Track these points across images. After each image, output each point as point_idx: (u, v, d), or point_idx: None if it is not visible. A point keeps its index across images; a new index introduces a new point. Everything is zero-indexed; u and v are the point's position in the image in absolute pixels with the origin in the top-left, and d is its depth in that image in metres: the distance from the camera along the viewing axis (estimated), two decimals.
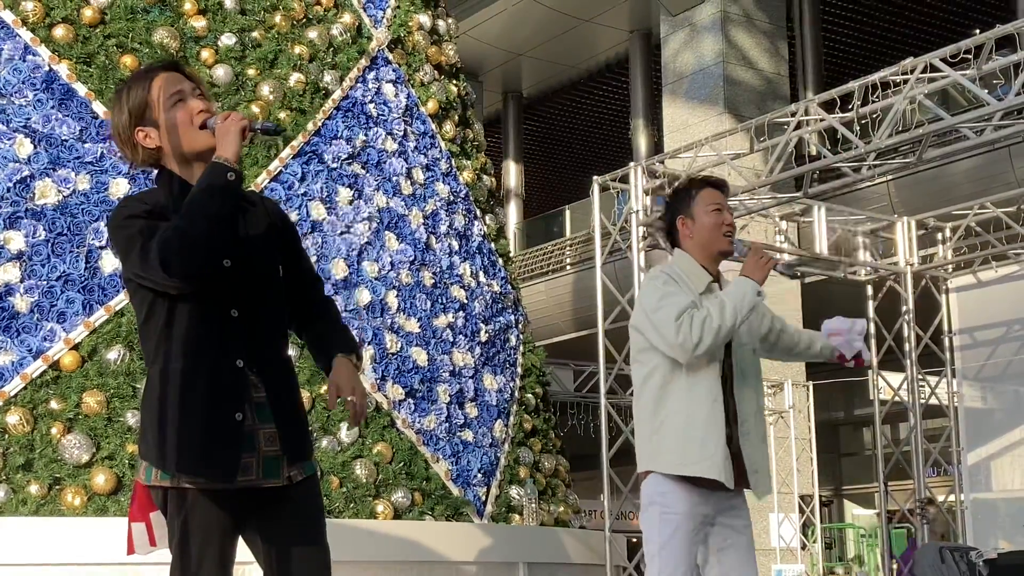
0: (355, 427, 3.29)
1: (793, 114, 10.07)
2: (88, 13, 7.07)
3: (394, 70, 8.26)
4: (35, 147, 6.68)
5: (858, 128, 9.42)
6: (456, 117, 8.85)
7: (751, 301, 4.03)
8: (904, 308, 12.20)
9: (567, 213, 25.09)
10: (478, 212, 8.74)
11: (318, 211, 7.36)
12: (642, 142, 23.85)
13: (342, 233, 7.44)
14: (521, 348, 8.71)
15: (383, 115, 8.04)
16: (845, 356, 4.52)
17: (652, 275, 4.26)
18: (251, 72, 7.45)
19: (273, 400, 3.17)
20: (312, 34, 7.83)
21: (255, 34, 7.58)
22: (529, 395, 8.55)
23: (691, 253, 4.27)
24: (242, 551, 3.24)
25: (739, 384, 4.18)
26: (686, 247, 4.29)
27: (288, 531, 3.18)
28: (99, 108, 6.87)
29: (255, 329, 3.17)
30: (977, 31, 8.85)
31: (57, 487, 6.13)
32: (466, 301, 8.10)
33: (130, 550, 3.24)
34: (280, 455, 3.14)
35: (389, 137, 8.00)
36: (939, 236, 12.30)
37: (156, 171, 3.29)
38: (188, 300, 3.08)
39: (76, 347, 6.41)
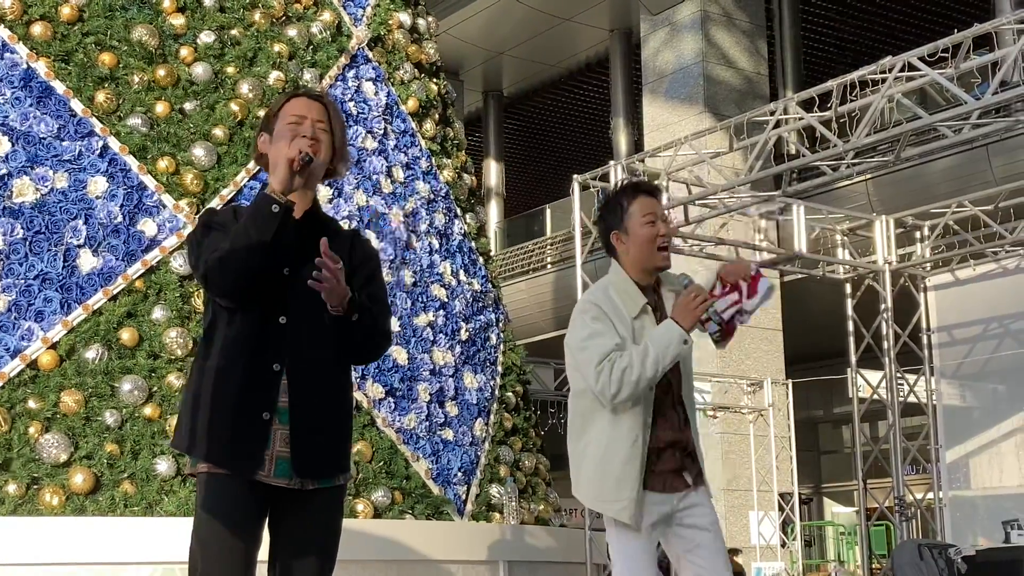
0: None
1: (772, 113, 10.10)
2: (66, 10, 7.04)
3: (374, 68, 8.25)
4: (13, 145, 6.65)
5: (837, 127, 9.45)
6: (436, 116, 8.84)
7: (676, 351, 3.89)
8: (883, 306, 12.25)
9: (547, 212, 25.10)
10: (458, 211, 8.73)
11: None
12: (622, 141, 23.88)
13: None
14: (501, 347, 8.71)
15: (363, 113, 8.02)
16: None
17: (582, 306, 4.14)
18: (230, 70, 7.43)
19: (294, 408, 3.28)
20: (292, 32, 7.81)
21: (234, 32, 7.56)
22: (509, 394, 8.55)
23: (627, 268, 4.15)
24: None
25: (685, 387, 4.14)
26: (622, 261, 4.16)
27: (299, 535, 3.32)
28: (77, 106, 6.84)
29: (301, 337, 3.31)
30: (955, 30, 8.89)
31: (35, 487, 6.10)
32: (446, 300, 8.10)
33: None
34: (290, 459, 3.27)
35: (369, 135, 7.99)
36: (917, 234, 12.35)
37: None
38: (240, 301, 3.29)
39: (54, 346, 6.38)
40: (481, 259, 8.89)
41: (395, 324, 7.60)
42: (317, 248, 3.28)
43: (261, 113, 7.40)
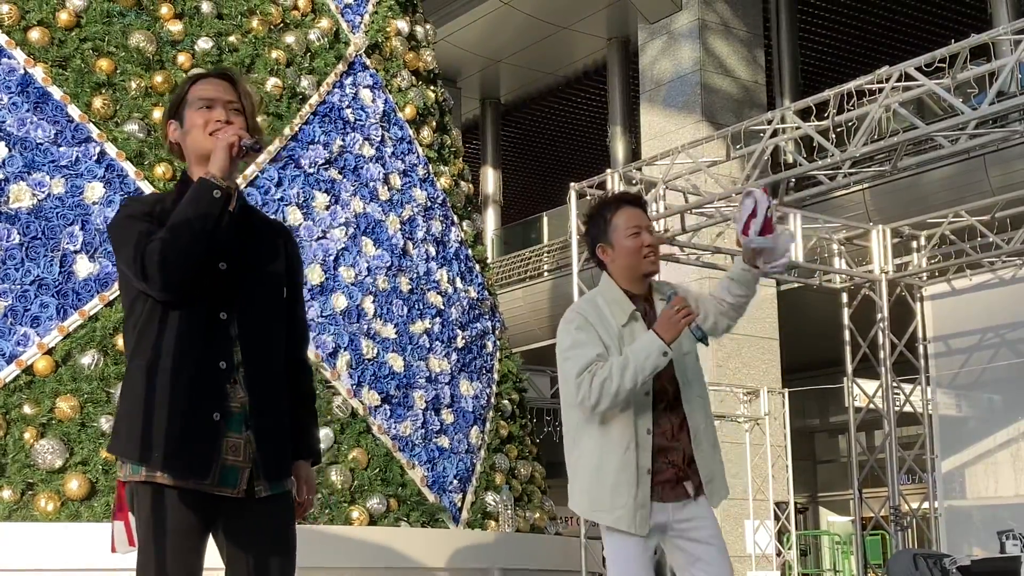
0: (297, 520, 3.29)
1: (769, 122, 10.11)
2: (64, 16, 7.04)
3: (371, 75, 8.25)
4: (10, 150, 6.65)
5: (834, 136, 9.46)
6: (434, 123, 8.84)
7: (655, 363, 3.87)
8: (879, 316, 12.25)
9: (544, 220, 25.10)
10: (455, 218, 8.73)
11: (295, 216, 7.34)
12: (620, 149, 23.88)
13: (319, 238, 7.42)
14: (498, 354, 8.70)
15: (360, 120, 8.03)
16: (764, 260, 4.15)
17: (568, 316, 4.14)
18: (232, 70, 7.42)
19: (255, 411, 3.16)
20: (289, 39, 7.82)
21: (232, 38, 7.56)
22: (505, 401, 8.55)
23: (616, 278, 4.14)
24: (213, 557, 3.23)
25: (685, 394, 4.09)
26: (611, 272, 4.15)
27: (257, 544, 3.17)
28: (74, 111, 6.84)
29: (244, 334, 3.18)
30: (952, 40, 8.91)
31: (30, 492, 6.09)
32: (443, 307, 8.10)
33: (112, 548, 3.25)
34: (242, 466, 3.13)
35: (366, 142, 7.99)
36: (914, 244, 12.35)
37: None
38: (178, 299, 3.11)
39: (50, 352, 6.37)
40: (478, 266, 8.89)
41: (391, 331, 7.61)
42: (250, 240, 3.22)
43: (259, 120, 7.40)
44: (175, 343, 3.10)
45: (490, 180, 27.43)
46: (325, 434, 6.98)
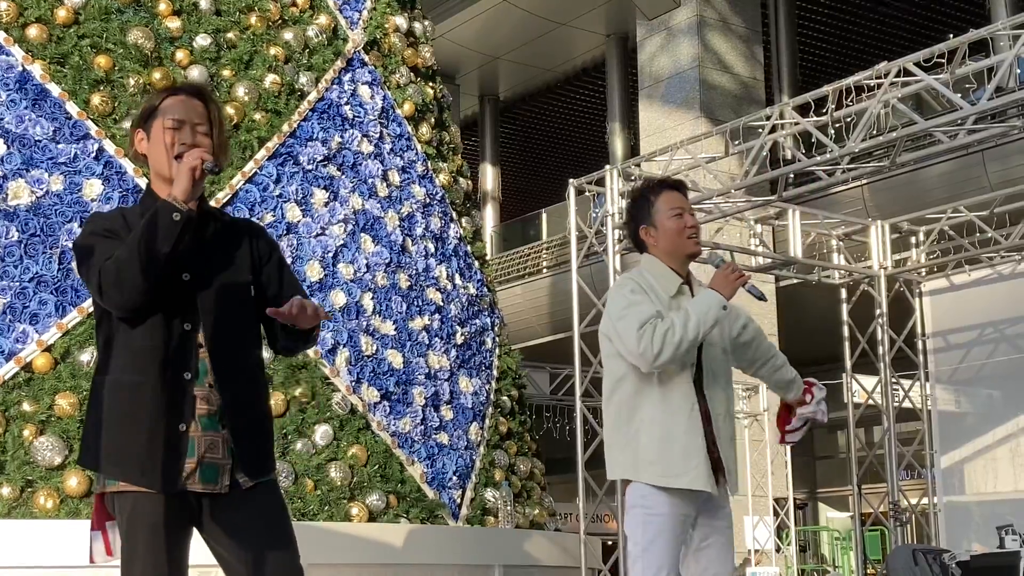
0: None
1: (768, 118, 10.10)
2: (62, 13, 7.04)
3: (370, 72, 8.25)
4: (8, 147, 6.64)
5: (832, 132, 9.45)
6: (432, 119, 8.84)
7: (716, 315, 4.00)
8: (878, 311, 12.25)
9: (543, 216, 25.09)
10: (454, 215, 8.73)
11: (293, 213, 7.34)
12: (618, 145, 23.88)
13: (317, 235, 7.42)
14: (497, 351, 8.70)
15: (359, 117, 8.02)
16: (813, 419, 4.53)
17: (620, 282, 4.25)
18: (226, 73, 7.43)
19: (229, 410, 3.20)
20: (288, 35, 7.81)
21: (230, 35, 7.56)
22: (505, 398, 8.55)
23: (659, 258, 4.25)
24: (205, 554, 3.24)
25: (709, 385, 4.16)
26: (654, 254, 4.26)
27: (255, 533, 3.20)
28: (73, 109, 6.84)
29: (212, 343, 3.21)
30: (951, 36, 8.90)
31: (29, 490, 6.09)
32: (442, 304, 8.10)
33: (91, 558, 3.28)
34: (220, 463, 3.18)
35: (365, 139, 7.98)
36: (913, 240, 12.35)
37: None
38: (141, 313, 3.15)
39: (49, 349, 6.38)
40: (477, 263, 8.89)
41: (391, 327, 7.60)
42: (214, 248, 3.25)
43: (257, 116, 7.41)
44: (139, 357, 3.15)
45: (489, 177, 27.43)
46: (324, 431, 6.99)
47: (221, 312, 3.24)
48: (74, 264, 6.45)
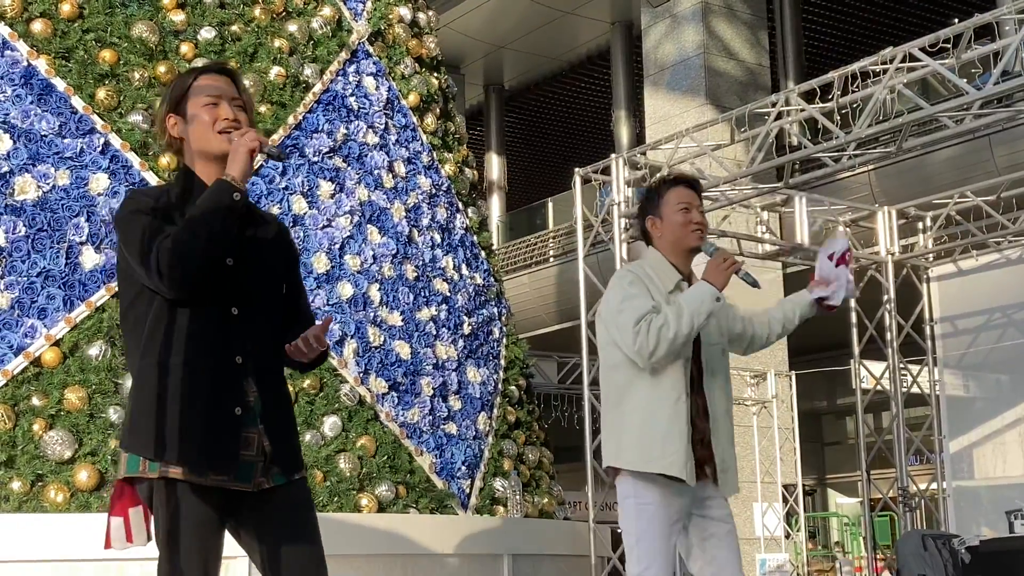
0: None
1: (774, 104, 10.08)
2: (66, 8, 7.04)
3: (375, 63, 8.25)
4: (14, 142, 6.65)
5: (838, 118, 9.43)
6: (437, 110, 8.84)
7: (709, 307, 4.03)
8: (885, 297, 12.24)
9: (549, 205, 25.07)
10: (460, 205, 8.73)
11: (299, 205, 7.35)
12: (624, 133, 23.85)
13: (324, 227, 7.43)
14: (504, 340, 8.71)
15: (364, 108, 8.02)
16: (832, 305, 4.44)
17: (620, 273, 4.29)
18: (231, 66, 7.42)
19: (265, 405, 3.19)
20: (292, 27, 7.81)
21: (234, 28, 7.56)
22: (512, 387, 8.56)
23: (662, 251, 4.29)
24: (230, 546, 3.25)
25: (709, 383, 4.20)
26: (658, 246, 4.31)
27: (282, 531, 3.20)
28: (78, 103, 6.85)
29: (253, 329, 3.20)
30: (956, 20, 8.87)
31: (40, 483, 6.11)
32: (449, 294, 8.10)
33: (107, 544, 3.26)
34: (254, 461, 3.15)
35: (370, 130, 7.99)
36: (920, 225, 12.32)
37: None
38: (193, 293, 3.11)
39: (57, 343, 6.39)
40: (483, 253, 8.89)
41: (398, 319, 7.61)
42: (254, 237, 3.24)
43: (263, 109, 7.41)
44: (191, 340, 3.10)
45: (495, 166, 27.41)
46: (333, 422, 7.00)
47: (261, 300, 3.23)
48: (85, 252, 6.50)
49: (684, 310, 4.00)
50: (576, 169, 11.24)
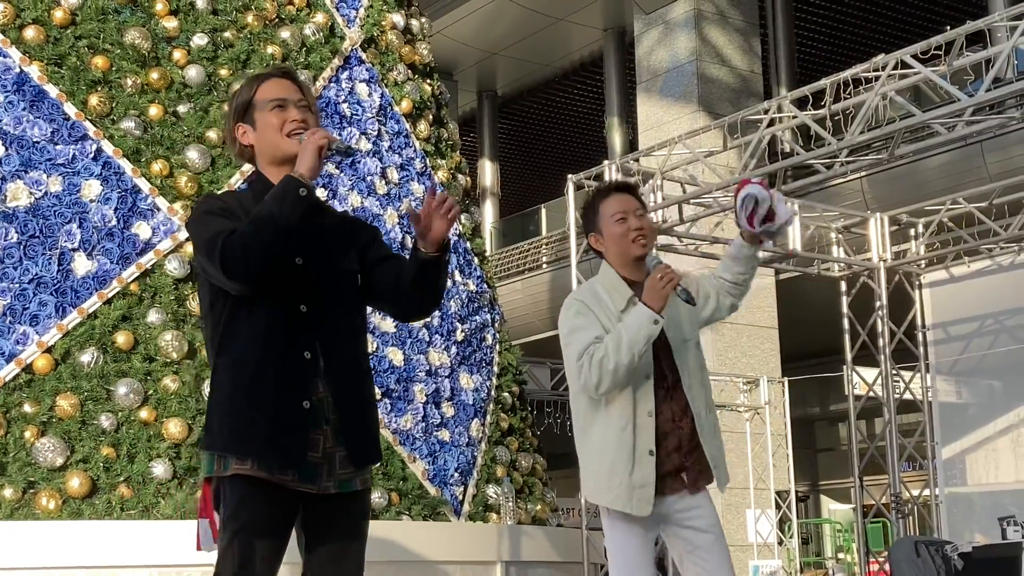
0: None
1: (766, 111, 10.11)
2: (59, 14, 7.04)
3: (367, 70, 8.25)
4: (6, 149, 6.65)
5: (831, 125, 9.45)
6: (430, 116, 8.84)
7: (648, 333, 3.93)
8: (878, 303, 12.26)
9: (543, 212, 25.09)
10: None
11: None
12: (617, 140, 23.87)
13: None
14: (497, 347, 8.71)
15: (357, 115, 8.02)
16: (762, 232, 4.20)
17: (567, 303, 4.21)
18: (223, 72, 7.42)
19: (336, 404, 3.20)
20: (285, 34, 7.81)
21: (227, 34, 7.56)
22: (506, 394, 8.55)
23: (613, 265, 4.20)
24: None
25: (687, 383, 4.13)
26: (608, 260, 4.23)
27: (330, 542, 3.23)
28: (71, 109, 6.84)
29: (324, 326, 3.23)
30: (948, 27, 8.90)
31: (31, 491, 6.10)
32: (442, 300, 8.10)
33: (197, 546, 3.30)
34: (320, 462, 3.16)
35: (363, 137, 7.99)
36: (912, 232, 12.35)
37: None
38: (257, 294, 3.15)
39: (49, 350, 6.38)
40: (476, 259, 8.89)
41: (390, 325, 7.61)
42: (323, 235, 3.27)
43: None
44: (259, 337, 3.16)
45: (488, 173, 27.42)
46: None
47: (331, 298, 3.26)
48: (77, 259, 6.49)
49: (623, 339, 3.93)
50: (569, 175, 11.25)
